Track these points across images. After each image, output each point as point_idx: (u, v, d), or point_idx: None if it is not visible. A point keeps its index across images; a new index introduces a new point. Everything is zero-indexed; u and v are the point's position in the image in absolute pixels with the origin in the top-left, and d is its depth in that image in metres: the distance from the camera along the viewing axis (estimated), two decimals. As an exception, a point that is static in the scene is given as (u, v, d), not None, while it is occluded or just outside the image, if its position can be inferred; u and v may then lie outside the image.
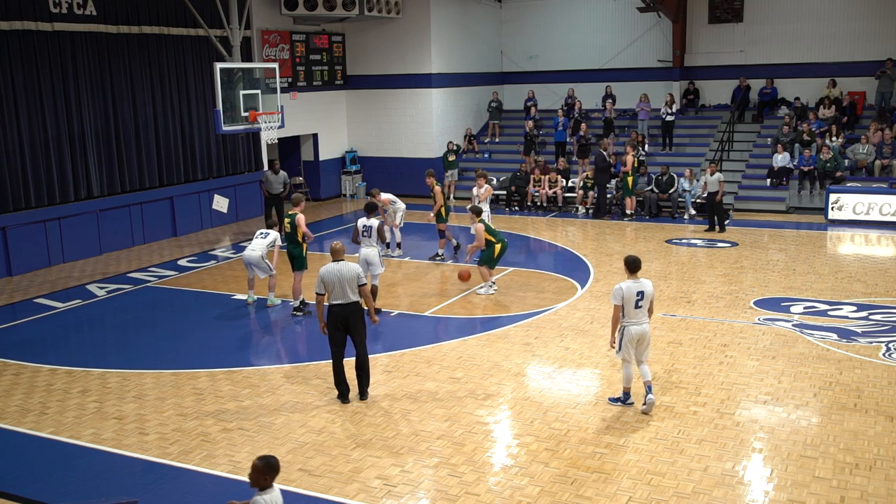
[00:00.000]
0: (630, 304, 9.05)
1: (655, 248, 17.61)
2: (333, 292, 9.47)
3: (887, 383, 9.90)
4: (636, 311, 9.06)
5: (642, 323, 9.13)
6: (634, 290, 9.05)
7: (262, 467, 5.60)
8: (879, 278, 14.86)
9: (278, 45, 22.89)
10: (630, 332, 9.11)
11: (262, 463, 5.62)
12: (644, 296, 9.07)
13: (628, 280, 9.13)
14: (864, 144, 21.32)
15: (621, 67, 25.97)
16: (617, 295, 9.04)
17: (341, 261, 9.56)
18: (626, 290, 9.02)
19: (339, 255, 9.61)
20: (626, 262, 9.28)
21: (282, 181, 19.23)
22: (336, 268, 9.46)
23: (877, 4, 23.20)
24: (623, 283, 9.09)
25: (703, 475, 7.78)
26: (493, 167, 24.65)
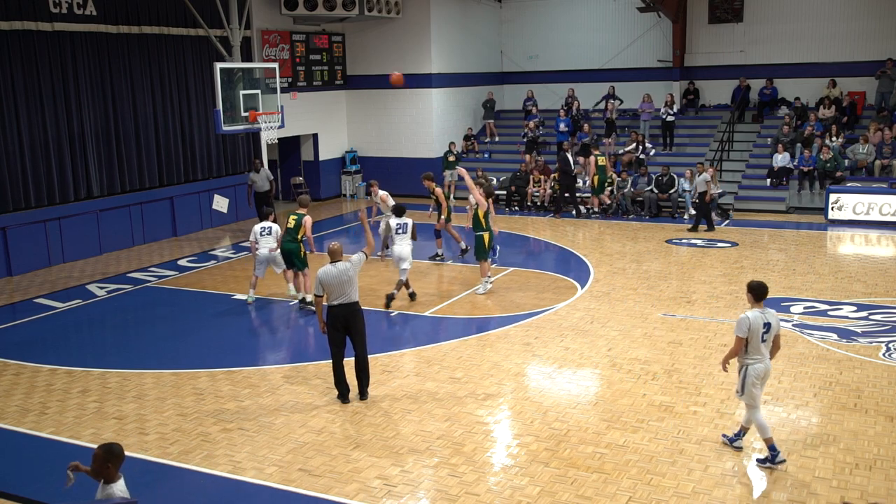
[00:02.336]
0: (756, 338, 7.85)
1: (655, 248, 17.60)
2: (332, 293, 9.43)
3: (887, 383, 9.90)
4: (761, 345, 7.88)
5: (766, 360, 7.96)
6: (761, 321, 7.84)
7: (104, 455, 5.28)
8: (879, 278, 14.86)
9: (278, 45, 22.89)
10: (755, 371, 7.89)
11: (102, 451, 5.30)
12: (770, 328, 7.89)
13: (754, 310, 7.92)
14: (864, 144, 21.32)
15: (621, 67, 25.97)
16: (743, 326, 7.82)
17: (339, 261, 9.52)
18: (753, 322, 7.80)
19: (338, 255, 9.55)
20: (750, 289, 8.01)
21: (266, 178, 19.37)
22: (334, 269, 9.42)
23: (877, 4, 23.20)
24: (749, 313, 7.86)
25: (704, 475, 7.78)
26: (492, 167, 24.67)
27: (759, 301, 7.96)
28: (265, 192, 19.20)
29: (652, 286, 14.46)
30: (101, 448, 5.33)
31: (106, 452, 5.28)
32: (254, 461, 8.28)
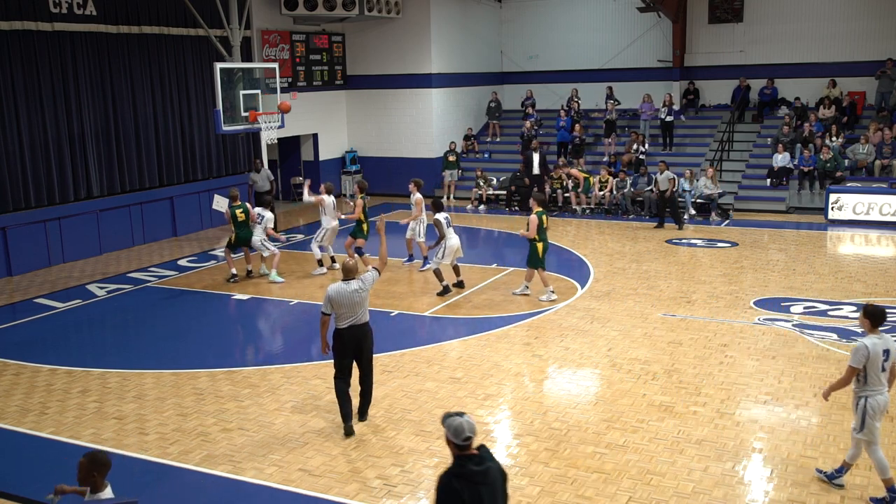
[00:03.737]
0: (874, 368, 7.17)
1: (655, 248, 17.60)
2: (343, 315, 8.65)
3: (887, 383, 9.89)
4: (881, 375, 7.22)
5: (886, 391, 7.27)
6: (881, 348, 7.16)
7: (88, 465, 5.15)
8: (879, 278, 14.86)
9: (278, 45, 22.89)
10: (876, 403, 7.18)
11: (87, 460, 5.16)
12: (889, 356, 7.20)
13: (871, 336, 7.24)
14: (864, 144, 21.33)
15: (621, 67, 25.98)
16: (860, 356, 7.13)
17: (352, 280, 8.71)
18: (873, 350, 7.11)
19: (352, 274, 8.73)
20: (867, 314, 7.31)
21: (266, 178, 19.67)
22: (347, 289, 8.58)
23: (877, 4, 23.20)
24: (867, 341, 7.18)
25: (704, 475, 7.78)
26: (492, 167, 24.68)
27: (877, 327, 7.27)
28: (265, 191, 19.32)
29: (652, 286, 14.46)
30: (85, 457, 5.20)
31: (90, 462, 5.15)
32: (254, 461, 8.28)
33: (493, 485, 4.82)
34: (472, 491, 4.71)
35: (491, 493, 4.78)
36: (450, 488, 4.73)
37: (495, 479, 4.85)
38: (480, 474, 4.75)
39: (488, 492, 4.76)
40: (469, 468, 4.76)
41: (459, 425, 4.77)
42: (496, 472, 4.88)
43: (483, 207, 23.07)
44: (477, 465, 4.78)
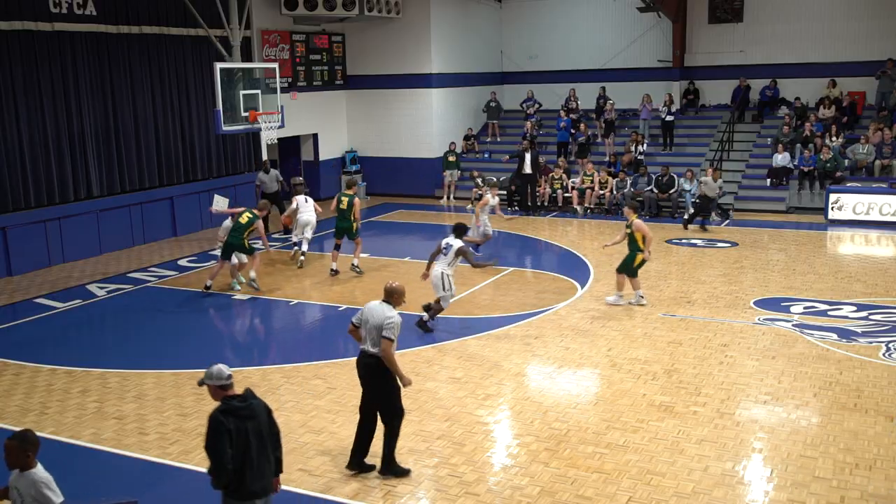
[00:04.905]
0: None
1: (656, 248, 17.54)
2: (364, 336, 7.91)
3: (887, 383, 9.90)
4: None
5: None
6: None
7: (19, 445, 5.21)
8: (879, 278, 14.86)
9: (278, 45, 22.88)
10: None
11: (17, 441, 5.23)
12: None
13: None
14: (864, 144, 21.33)
15: (621, 67, 25.96)
16: None
17: (388, 304, 7.91)
18: None
19: (397, 300, 7.94)
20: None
21: (275, 179, 19.69)
22: (378, 308, 7.87)
23: (877, 4, 23.19)
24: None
25: (703, 475, 7.78)
26: (492, 167, 24.67)
27: None
28: (273, 192, 19.40)
29: (652, 286, 14.45)
30: (14, 438, 5.25)
31: (22, 441, 5.23)
32: (254, 461, 8.27)
33: (258, 418, 5.67)
34: (237, 423, 5.52)
35: (256, 425, 5.63)
36: (217, 422, 5.51)
37: (259, 413, 5.69)
38: (245, 409, 5.59)
39: (253, 425, 5.61)
40: (233, 405, 5.57)
41: (218, 369, 5.66)
42: (260, 408, 5.73)
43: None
44: (241, 402, 5.61)
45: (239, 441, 5.52)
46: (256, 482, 5.65)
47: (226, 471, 5.51)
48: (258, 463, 5.64)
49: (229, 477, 5.54)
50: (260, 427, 5.66)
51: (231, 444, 5.48)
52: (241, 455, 5.54)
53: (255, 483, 5.64)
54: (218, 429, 5.49)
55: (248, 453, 5.56)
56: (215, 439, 5.50)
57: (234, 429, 5.49)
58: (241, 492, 5.61)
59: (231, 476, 5.54)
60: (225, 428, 5.48)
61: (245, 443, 5.55)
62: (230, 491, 5.62)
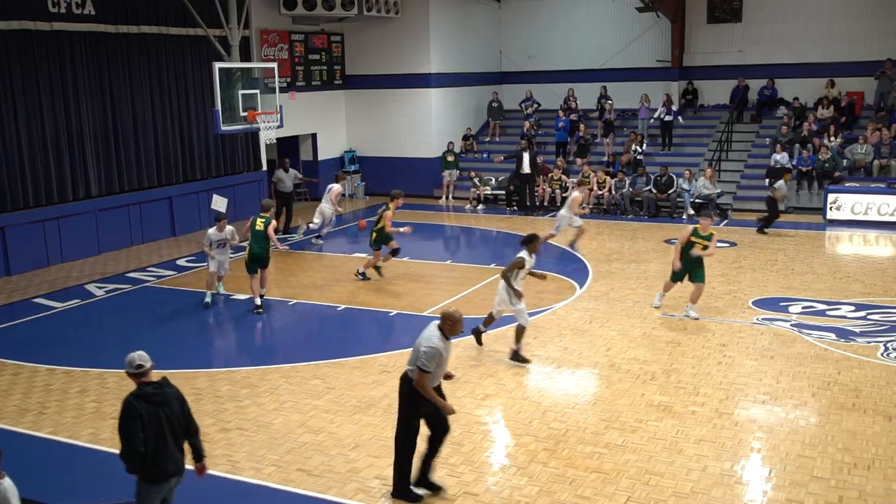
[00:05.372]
0: None
1: (654, 248, 17.61)
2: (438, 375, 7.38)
3: (885, 383, 9.91)
4: None
5: None
6: None
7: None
8: (878, 278, 14.87)
9: (277, 44, 22.88)
10: None
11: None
12: None
13: None
14: (863, 144, 21.35)
15: (620, 67, 25.96)
16: None
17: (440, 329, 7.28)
18: None
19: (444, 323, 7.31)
20: None
21: (293, 179, 19.87)
22: (429, 330, 7.30)
23: (875, 4, 23.20)
24: None
25: (702, 475, 7.78)
26: (491, 167, 24.67)
27: None
28: (289, 192, 19.45)
29: (651, 286, 14.45)
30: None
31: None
32: (252, 461, 8.28)
33: (170, 405, 5.96)
34: (149, 409, 5.82)
35: (167, 412, 5.92)
36: (129, 407, 5.81)
37: (171, 401, 6.00)
38: (158, 395, 5.91)
39: (165, 412, 5.91)
40: (147, 391, 5.90)
41: (131, 358, 6.00)
42: (172, 397, 6.04)
43: (482, 207, 23.07)
44: (154, 389, 5.93)
45: (151, 426, 5.83)
46: (169, 465, 5.98)
47: (137, 454, 5.81)
48: (171, 448, 5.98)
49: (141, 460, 5.85)
50: (172, 414, 6.00)
51: (143, 428, 5.79)
52: (153, 439, 5.84)
53: (167, 466, 5.97)
54: (130, 413, 5.82)
55: (160, 438, 5.88)
56: (127, 423, 5.82)
57: (146, 414, 5.81)
58: (154, 474, 5.95)
59: (143, 459, 5.85)
60: (137, 413, 5.80)
61: (158, 428, 5.86)
62: (144, 474, 5.94)
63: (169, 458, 5.95)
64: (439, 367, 7.27)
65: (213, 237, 13.91)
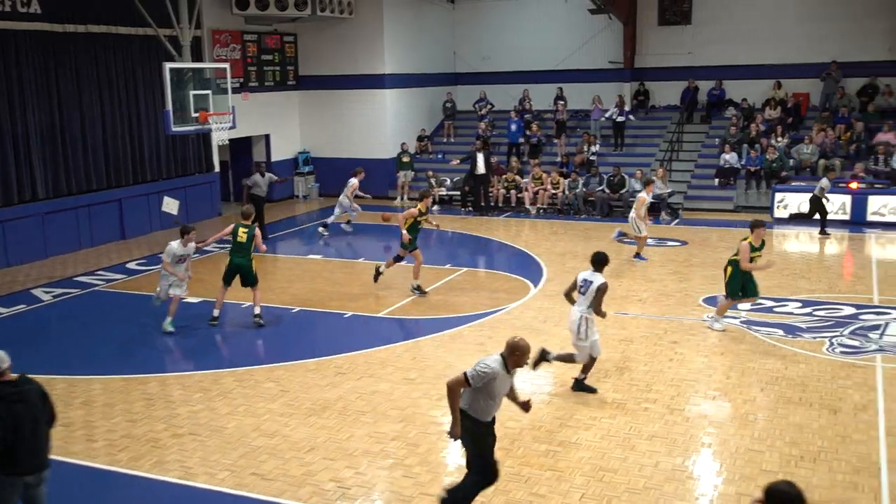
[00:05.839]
0: None
1: (607, 248, 17.69)
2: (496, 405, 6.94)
3: (830, 377, 10.16)
4: None
5: None
6: None
7: None
8: (823, 275, 15.23)
9: (229, 45, 22.65)
10: None
11: None
12: None
13: None
14: (808, 145, 21.84)
15: (573, 69, 26.19)
16: None
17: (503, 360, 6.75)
18: None
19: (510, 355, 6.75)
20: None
21: (268, 182, 19.45)
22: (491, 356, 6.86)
23: (821, 8, 23.72)
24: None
25: (654, 471, 7.89)
26: (447, 168, 24.70)
27: None
28: (263, 196, 19.11)
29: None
30: None
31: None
32: (205, 466, 8.19)
33: (29, 402, 6.12)
34: (7, 407, 5.97)
35: (28, 408, 6.08)
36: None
37: (32, 397, 6.16)
38: (16, 393, 6.05)
39: (25, 408, 6.06)
40: (6, 391, 6.02)
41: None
42: (33, 392, 6.20)
43: (437, 208, 23.10)
44: (13, 387, 6.08)
45: (9, 423, 5.97)
46: (29, 461, 6.17)
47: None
48: (31, 443, 6.13)
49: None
50: (33, 410, 6.16)
51: (1, 425, 5.94)
52: (12, 436, 5.98)
53: (27, 462, 6.15)
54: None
55: (19, 434, 6.01)
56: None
57: (5, 411, 5.97)
58: (13, 469, 6.11)
59: (3, 455, 5.99)
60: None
61: (16, 425, 6.00)
62: (2, 469, 6.09)
63: (27, 452, 6.12)
64: (492, 399, 6.71)
65: (176, 252, 12.42)
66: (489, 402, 6.74)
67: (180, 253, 12.50)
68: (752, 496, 5.29)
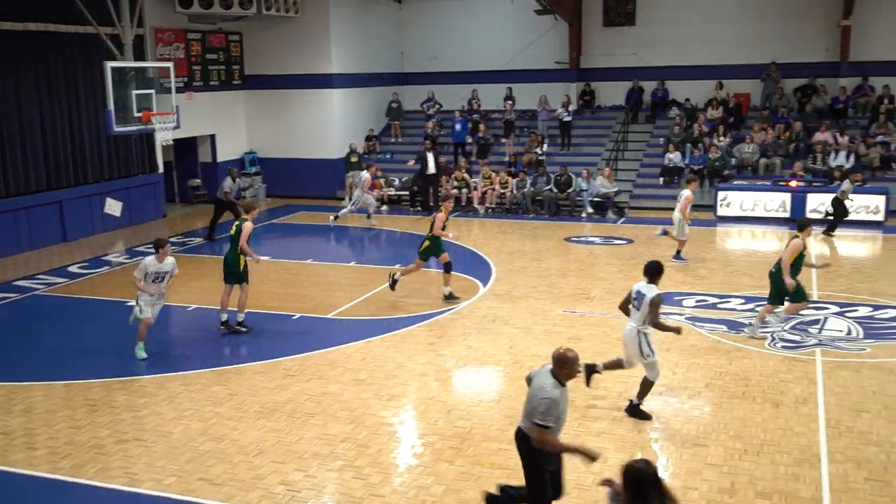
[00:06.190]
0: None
1: (555, 246, 17.96)
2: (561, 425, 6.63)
3: (772, 371, 10.39)
4: None
5: None
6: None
7: None
8: (765, 271, 15.41)
9: (172, 43, 22.28)
10: None
11: None
12: None
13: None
14: (749, 144, 22.34)
15: (521, 69, 26.34)
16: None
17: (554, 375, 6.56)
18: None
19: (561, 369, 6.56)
20: None
21: (238, 186, 19.32)
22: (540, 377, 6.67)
23: (762, 10, 24.23)
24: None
25: (603, 467, 7.93)
26: (394, 168, 24.67)
27: None
28: (232, 201, 18.87)
29: (552, 283, 14.74)
30: None
31: None
32: (151, 472, 8.05)
33: None
34: None
35: None
36: None
37: None
38: None
39: None
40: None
41: None
42: None
43: (385, 208, 23.05)
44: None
45: None
46: None
47: None
48: None
49: None
50: None
51: None
52: None
53: None
54: None
55: None
56: None
57: None
58: None
59: None
60: None
61: None
62: None
63: None
64: (559, 420, 6.49)
65: (150, 268, 11.06)
66: (555, 427, 6.50)
67: (155, 270, 11.11)
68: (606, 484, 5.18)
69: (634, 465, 4.94)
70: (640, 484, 4.87)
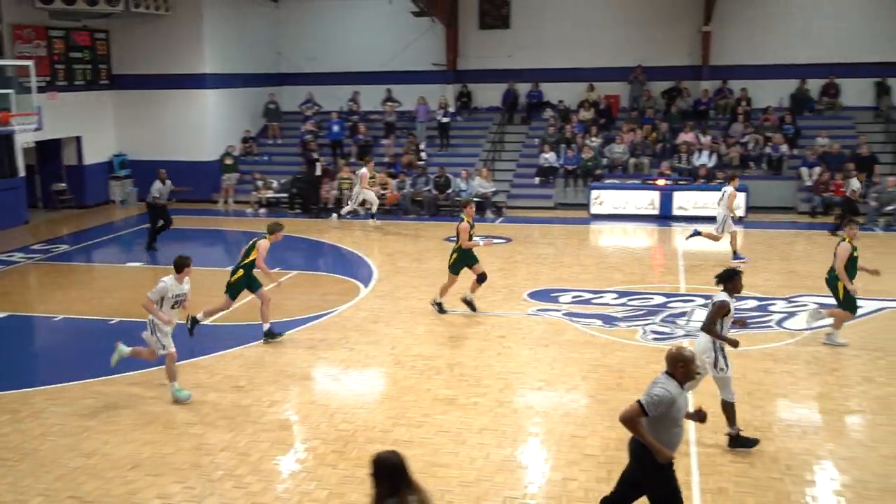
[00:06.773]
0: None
1: (435, 247, 18.10)
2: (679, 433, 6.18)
3: (645, 363, 10.82)
4: None
5: None
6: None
7: None
8: (636, 267, 16.21)
9: (33, 41, 21.15)
10: None
11: None
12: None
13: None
14: (620, 144, 23.19)
15: (399, 70, 26.40)
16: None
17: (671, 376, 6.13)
18: None
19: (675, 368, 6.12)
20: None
21: (169, 191, 18.27)
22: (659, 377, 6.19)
23: (629, 15, 25.11)
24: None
25: (485, 462, 8.12)
26: (272, 170, 24.27)
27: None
28: (164, 204, 17.92)
29: (433, 283, 14.80)
30: None
31: None
32: (15, 492, 7.62)
33: None
34: None
35: None
36: None
37: None
38: None
39: None
40: None
41: None
42: None
43: (263, 211, 22.64)
44: None
45: None
46: None
47: None
48: None
49: None
50: None
51: None
52: None
53: None
54: None
55: None
56: None
57: None
58: None
59: None
60: None
61: None
62: None
63: None
64: (677, 426, 6.02)
65: (171, 291, 9.67)
66: (675, 431, 6.01)
67: (175, 293, 9.73)
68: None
69: (383, 456, 4.98)
70: (393, 474, 4.91)
